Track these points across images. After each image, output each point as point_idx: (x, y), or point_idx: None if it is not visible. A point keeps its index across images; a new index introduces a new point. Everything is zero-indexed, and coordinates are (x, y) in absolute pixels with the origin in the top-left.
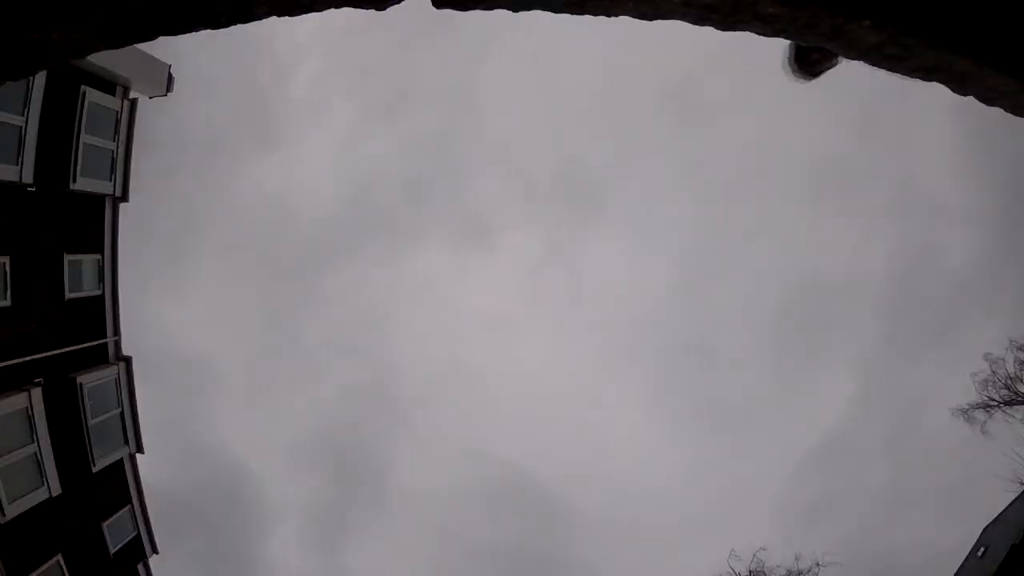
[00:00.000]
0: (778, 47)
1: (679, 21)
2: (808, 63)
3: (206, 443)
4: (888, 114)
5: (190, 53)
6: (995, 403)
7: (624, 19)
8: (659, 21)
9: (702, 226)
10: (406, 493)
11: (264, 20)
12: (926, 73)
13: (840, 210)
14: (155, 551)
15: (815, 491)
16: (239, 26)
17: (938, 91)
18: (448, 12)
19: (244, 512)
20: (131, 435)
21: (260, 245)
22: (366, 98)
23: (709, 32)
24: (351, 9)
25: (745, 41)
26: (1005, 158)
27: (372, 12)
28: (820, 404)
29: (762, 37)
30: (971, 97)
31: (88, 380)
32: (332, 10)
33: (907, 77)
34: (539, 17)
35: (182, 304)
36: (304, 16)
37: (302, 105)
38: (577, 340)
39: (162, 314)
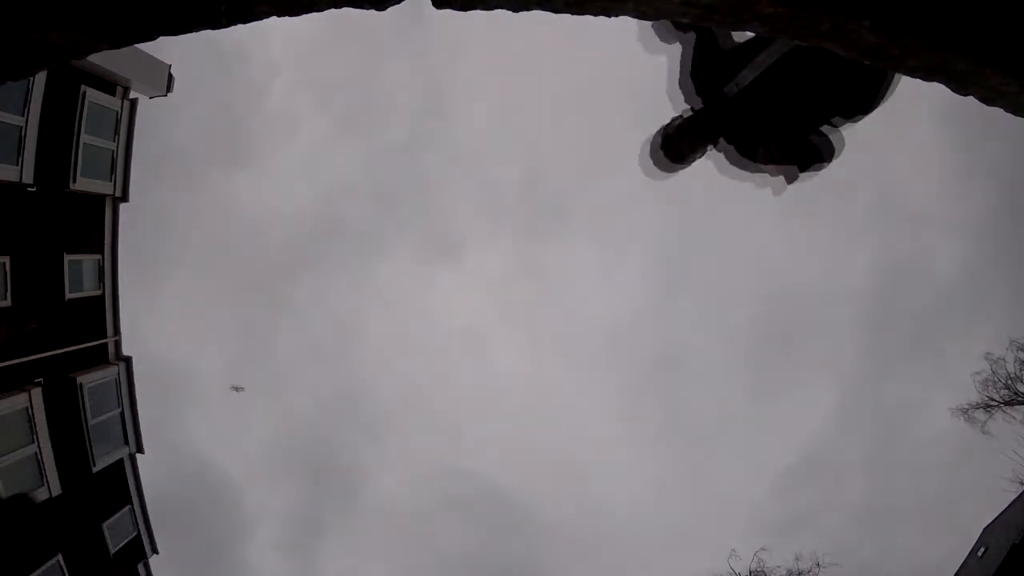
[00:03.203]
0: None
1: (679, 21)
2: (675, 152)
3: (180, 446)
4: (868, 121)
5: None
6: (995, 403)
7: (594, 24)
8: (660, 21)
9: (675, 236)
10: (378, 502)
11: (264, 20)
12: (926, 73)
13: (819, 220)
14: (155, 551)
15: (797, 504)
16: (229, 31)
17: (919, 97)
18: (420, 23)
19: (217, 517)
20: (131, 435)
21: (231, 256)
22: (336, 111)
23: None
24: (351, 9)
25: None
26: (987, 166)
27: (359, 18)
28: (800, 418)
29: (761, 37)
30: (970, 97)
31: (88, 380)
32: (332, 10)
33: (907, 77)
34: (510, 26)
35: (155, 310)
36: (304, 16)
37: (272, 118)
38: (548, 352)
39: (137, 318)
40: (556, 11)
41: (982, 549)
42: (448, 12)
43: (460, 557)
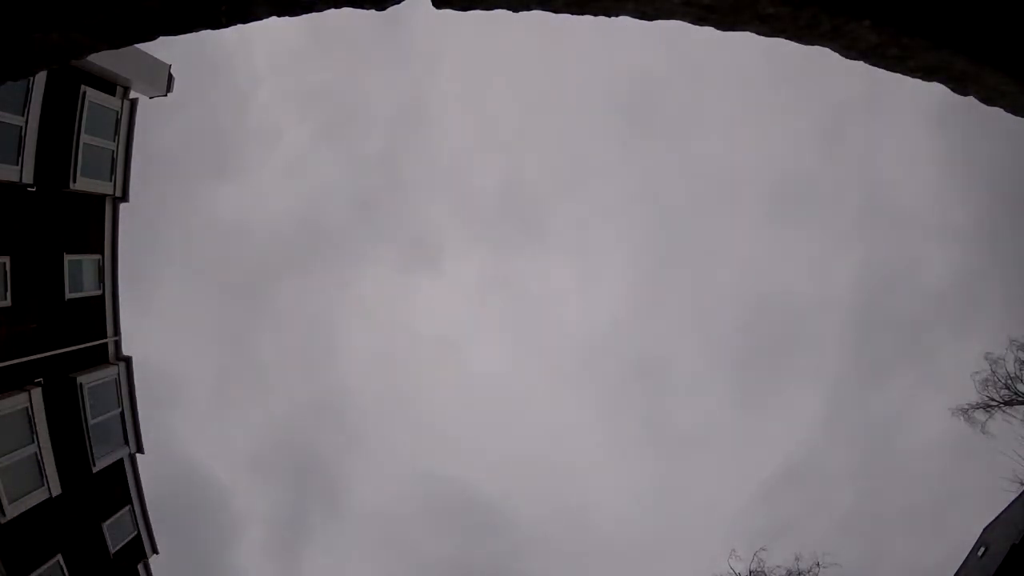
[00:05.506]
0: (742, 58)
1: (679, 21)
2: None
3: (169, 448)
4: (855, 126)
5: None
6: (995, 403)
7: (579, 29)
8: (659, 21)
9: (658, 243)
10: (360, 506)
11: (264, 20)
12: (926, 73)
13: (806, 226)
14: (155, 551)
15: (788, 510)
16: (216, 35)
17: (907, 101)
18: (400, 32)
19: (206, 519)
20: (131, 435)
21: (217, 260)
22: (317, 120)
23: (667, 43)
24: (351, 9)
25: (706, 53)
26: (978, 167)
27: (341, 27)
28: (790, 425)
29: (761, 37)
30: (958, 98)
31: (88, 380)
32: (332, 10)
33: (907, 77)
34: (491, 34)
35: (147, 311)
36: (303, 16)
37: (255, 128)
38: (529, 360)
39: (134, 319)
40: (556, 11)
41: (982, 549)
42: (435, 18)
43: (441, 562)
